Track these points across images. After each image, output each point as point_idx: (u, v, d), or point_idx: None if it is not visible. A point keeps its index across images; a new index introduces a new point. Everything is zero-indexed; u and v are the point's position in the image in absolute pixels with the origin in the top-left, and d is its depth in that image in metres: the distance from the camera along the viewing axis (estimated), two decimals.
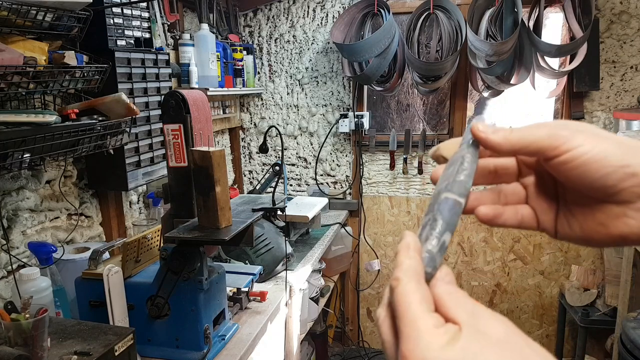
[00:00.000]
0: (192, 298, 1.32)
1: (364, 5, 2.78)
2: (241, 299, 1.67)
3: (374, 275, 3.24)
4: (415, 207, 3.09)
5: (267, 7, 3.07)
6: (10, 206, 1.51)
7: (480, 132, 0.41)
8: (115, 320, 1.28)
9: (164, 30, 2.25)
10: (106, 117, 1.48)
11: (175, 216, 1.39)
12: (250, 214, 1.46)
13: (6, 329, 0.98)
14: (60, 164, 1.67)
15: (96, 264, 1.35)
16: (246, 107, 3.26)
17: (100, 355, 1.03)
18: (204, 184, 1.27)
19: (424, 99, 3.11)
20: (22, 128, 1.21)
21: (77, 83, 1.45)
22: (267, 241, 1.99)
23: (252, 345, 1.51)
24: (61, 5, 1.33)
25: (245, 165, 3.35)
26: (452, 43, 2.65)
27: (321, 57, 3.06)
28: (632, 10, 2.63)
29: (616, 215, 0.40)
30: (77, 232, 1.78)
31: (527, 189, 0.46)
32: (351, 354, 3.25)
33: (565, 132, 0.38)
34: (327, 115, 3.13)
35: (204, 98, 1.42)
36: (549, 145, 0.38)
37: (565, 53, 2.54)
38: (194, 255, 1.29)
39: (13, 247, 1.51)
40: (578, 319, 2.64)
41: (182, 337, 1.34)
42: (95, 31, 1.53)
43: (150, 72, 1.81)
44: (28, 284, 1.27)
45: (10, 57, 1.19)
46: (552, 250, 2.96)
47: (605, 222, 0.41)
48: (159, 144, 1.88)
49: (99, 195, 1.88)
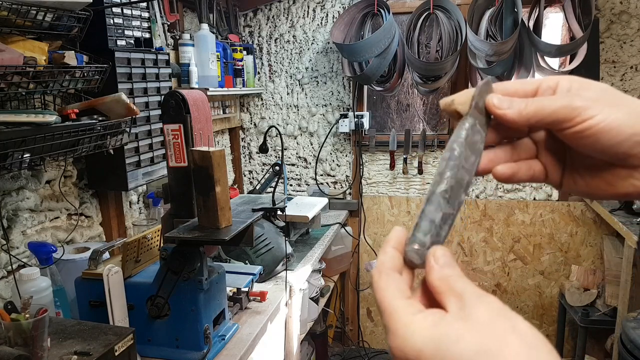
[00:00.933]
0: (192, 298, 1.31)
1: (364, 5, 2.78)
2: (241, 299, 1.67)
3: None
4: (415, 207, 3.09)
5: (267, 7, 3.07)
6: (10, 206, 1.51)
7: (497, 109, 0.40)
8: (115, 320, 1.28)
9: (164, 30, 2.25)
10: (106, 117, 1.48)
11: (175, 216, 1.39)
12: (250, 214, 1.46)
13: (6, 329, 0.98)
14: (60, 164, 1.67)
15: (96, 264, 1.35)
16: (246, 107, 3.26)
17: (100, 355, 1.03)
18: (204, 184, 1.27)
19: (424, 99, 3.11)
20: (22, 128, 1.20)
21: (77, 83, 1.45)
22: (267, 241, 1.99)
23: (252, 345, 1.51)
24: (61, 5, 1.32)
25: (245, 165, 3.35)
26: (452, 43, 2.65)
27: (321, 57, 3.06)
28: (632, 10, 2.63)
29: (623, 177, 0.41)
30: (77, 232, 1.78)
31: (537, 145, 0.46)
32: (351, 354, 3.25)
33: (579, 102, 0.38)
34: (327, 115, 3.13)
35: (204, 98, 1.42)
36: (564, 117, 0.38)
37: (565, 53, 2.54)
38: (194, 255, 1.29)
39: (13, 247, 1.51)
40: (578, 319, 2.64)
41: (182, 337, 1.34)
42: (95, 31, 1.53)
43: (150, 72, 1.81)
44: (28, 284, 1.27)
45: (10, 57, 1.19)
46: (552, 250, 2.96)
47: (611, 181, 0.42)
48: (159, 144, 1.88)
49: (99, 195, 1.88)
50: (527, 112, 0.40)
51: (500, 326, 0.31)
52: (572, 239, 2.92)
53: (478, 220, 3.02)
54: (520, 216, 2.96)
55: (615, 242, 2.71)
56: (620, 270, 2.38)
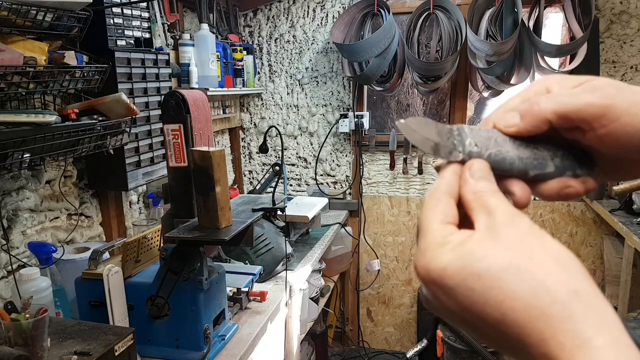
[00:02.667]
0: (192, 298, 1.31)
1: (364, 5, 2.78)
2: (241, 299, 1.67)
3: (374, 275, 3.23)
4: (415, 207, 3.09)
5: (267, 7, 3.07)
6: (10, 206, 1.51)
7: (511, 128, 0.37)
8: (115, 320, 1.28)
9: (164, 30, 2.25)
10: (106, 117, 1.48)
11: (175, 216, 1.39)
12: (250, 214, 1.46)
13: (6, 329, 0.98)
14: (60, 164, 1.67)
15: (96, 264, 1.35)
16: (246, 107, 3.26)
17: (100, 355, 1.03)
18: (204, 184, 1.27)
19: (424, 99, 3.11)
20: (22, 128, 1.20)
21: (77, 83, 1.45)
22: (267, 241, 1.99)
23: (252, 345, 1.51)
24: (61, 5, 1.32)
25: (245, 165, 3.35)
26: (452, 43, 2.65)
27: (321, 57, 3.06)
28: (632, 10, 2.63)
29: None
30: (77, 232, 1.78)
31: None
32: (351, 354, 3.25)
33: (601, 99, 0.34)
34: (327, 115, 3.13)
35: (204, 98, 1.42)
36: (589, 117, 0.34)
37: (565, 53, 2.54)
38: (194, 255, 1.29)
39: (13, 247, 1.51)
40: None
41: (182, 337, 1.34)
42: (95, 31, 1.53)
43: (150, 72, 1.81)
44: (28, 284, 1.27)
45: (10, 57, 1.19)
46: None
47: (633, 172, 0.39)
48: (159, 144, 1.88)
49: (99, 195, 1.88)
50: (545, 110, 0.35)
51: (528, 244, 0.30)
52: (572, 239, 2.92)
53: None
54: None
55: (615, 242, 2.71)
56: (620, 270, 2.38)
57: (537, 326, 0.28)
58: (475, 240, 0.31)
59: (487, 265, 0.30)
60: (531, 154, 0.37)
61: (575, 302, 0.28)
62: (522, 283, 0.29)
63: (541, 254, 0.30)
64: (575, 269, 0.30)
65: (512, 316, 0.29)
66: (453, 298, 0.31)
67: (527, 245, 0.30)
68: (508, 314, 0.29)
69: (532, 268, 0.29)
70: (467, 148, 0.36)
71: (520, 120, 0.37)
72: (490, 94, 2.78)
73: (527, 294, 0.29)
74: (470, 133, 0.36)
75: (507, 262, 0.30)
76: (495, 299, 0.29)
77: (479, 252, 0.30)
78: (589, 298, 0.29)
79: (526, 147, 0.37)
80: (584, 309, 0.28)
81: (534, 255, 0.30)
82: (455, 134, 0.36)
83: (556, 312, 0.28)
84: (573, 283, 0.29)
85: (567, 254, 0.30)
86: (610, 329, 0.28)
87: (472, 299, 0.30)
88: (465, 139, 0.36)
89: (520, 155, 0.36)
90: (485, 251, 0.30)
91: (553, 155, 0.37)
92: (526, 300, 0.29)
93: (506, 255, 0.30)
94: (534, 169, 0.37)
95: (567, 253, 0.30)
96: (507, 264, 0.30)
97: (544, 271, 0.29)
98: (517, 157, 0.36)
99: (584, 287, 0.29)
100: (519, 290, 0.29)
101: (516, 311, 0.29)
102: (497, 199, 0.33)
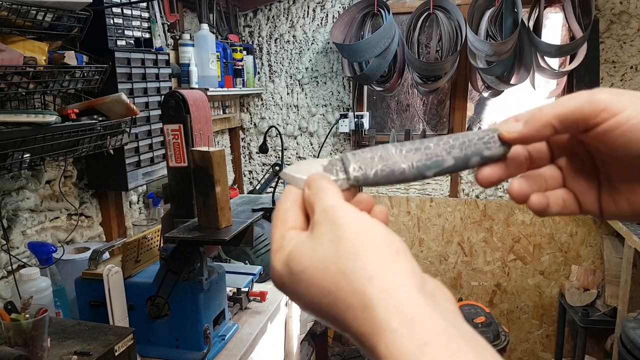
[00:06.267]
0: (192, 298, 1.32)
1: (364, 6, 2.78)
2: (241, 299, 1.67)
3: None
4: (415, 207, 3.09)
5: (267, 7, 3.07)
6: (10, 206, 1.51)
7: (513, 134, 0.37)
8: (115, 320, 1.28)
9: (164, 31, 2.25)
10: (106, 117, 1.48)
11: (175, 216, 1.39)
12: (250, 214, 1.46)
13: (6, 329, 0.98)
14: (60, 164, 1.67)
15: (96, 264, 1.35)
16: (246, 107, 3.26)
17: (100, 355, 1.03)
18: (204, 184, 1.27)
19: (424, 99, 3.11)
20: (22, 128, 1.20)
21: (77, 83, 1.45)
22: (267, 241, 1.99)
23: (252, 345, 1.51)
24: (61, 5, 1.32)
25: (245, 165, 3.35)
26: (452, 43, 2.65)
27: (321, 57, 3.06)
28: (632, 10, 2.63)
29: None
30: (77, 232, 1.78)
31: (563, 171, 0.41)
32: (351, 354, 3.25)
33: (603, 94, 0.34)
34: (327, 115, 3.13)
35: (204, 98, 1.42)
36: (590, 112, 0.34)
37: (565, 53, 2.54)
38: (194, 255, 1.29)
39: (13, 247, 1.51)
40: (578, 319, 2.64)
41: (182, 337, 1.34)
42: (95, 31, 1.53)
43: (150, 72, 1.81)
44: (28, 284, 1.27)
45: (10, 57, 1.19)
46: (552, 250, 2.96)
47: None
48: (159, 144, 1.88)
49: (99, 195, 1.88)
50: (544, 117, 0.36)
51: (333, 236, 0.31)
52: (572, 239, 2.92)
53: (478, 221, 3.02)
54: (520, 216, 2.96)
55: (615, 242, 2.71)
56: (620, 270, 2.38)
57: (347, 319, 0.29)
58: (296, 242, 0.33)
59: (301, 267, 0.31)
60: (422, 156, 0.38)
61: (369, 288, 0.28)
62: (329, 279, 0.30)
63: (344, 244, 0.30)
64: (373, 251, 0.30)
65: (331, 313, 0.30)
66: (296, 299, 0.32)
67: (331, 238, 0.31)
68: (328, 311, 0.30)
69: (336, 261, 0.30)
70: (352, 174, 0.37)
71: (523, 127, 0.37)
72: (490, 94, 2.78)
73: (333, 289, 0.30)
74: (353, 158, 0.38)
75: (316, 260, 0.31)
76: (313, 299, 0.31)
77: (296, 255, 0.32)
78: (380, 282, 0.29)
79: (416, 152, 0.38)
80: (378, 294, 0.28)
81: (339, 248, 0.30)
82: (339, 164, 0.38)
83: (356, 302, 0.29)
84: (367, 269, 0.29)
85: (364, 238, 0.30)
86: (404, 308, 0.28)
87: (303, 301, 0.32)
88: (348, 166, 0.37)
89: (411, 161, 0.38)
90: (301, 252, 0.32)
91: (449, 148, 0.38)
92: (334, 295, 0.30)
93: (314, 255, 0.31)
94: (429, 169, 0.38)
95: (366, 236, 0.30)
96: (316, 262, 0.31)
97: (344, 263, 0.30)
98: (408, 165, 0.38)
99: (377, 273, 0.29)
100: (328, 286, 0.30)
101: (333, 307, 0.30)
102: (318, 198, 0.34)
